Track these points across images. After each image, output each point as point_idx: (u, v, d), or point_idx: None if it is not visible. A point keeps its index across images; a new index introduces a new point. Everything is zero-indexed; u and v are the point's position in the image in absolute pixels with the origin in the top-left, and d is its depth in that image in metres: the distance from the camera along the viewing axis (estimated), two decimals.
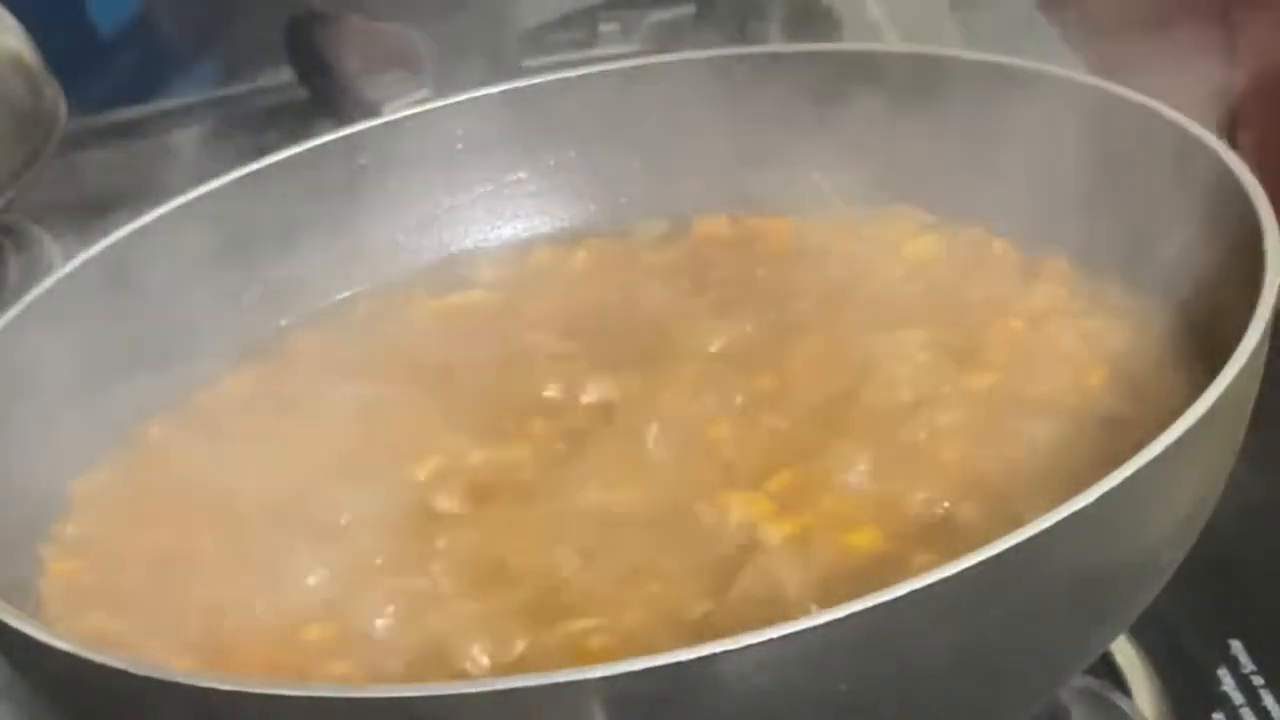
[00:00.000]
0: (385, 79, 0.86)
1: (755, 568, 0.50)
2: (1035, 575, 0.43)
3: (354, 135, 0.69)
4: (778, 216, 0.66)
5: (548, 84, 0.70)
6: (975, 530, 0.49)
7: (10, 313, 0.59)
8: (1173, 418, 0.45)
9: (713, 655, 0.41)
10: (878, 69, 0.65)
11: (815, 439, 0.55)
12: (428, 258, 0.69)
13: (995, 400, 0.55)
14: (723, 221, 0.67)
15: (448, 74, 0.85)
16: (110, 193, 0.89)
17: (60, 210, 0.89)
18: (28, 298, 0.60)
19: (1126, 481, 0.44)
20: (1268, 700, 0.58)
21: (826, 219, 0.65)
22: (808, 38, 0.68)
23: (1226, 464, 0.50)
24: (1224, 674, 0.59)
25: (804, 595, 0.48)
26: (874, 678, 0.43)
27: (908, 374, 0.57)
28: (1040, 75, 0.62)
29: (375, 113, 0.72)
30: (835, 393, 0.57)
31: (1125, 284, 0.59)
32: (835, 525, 0.51)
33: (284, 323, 0.67)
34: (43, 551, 0.56)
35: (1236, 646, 0.60)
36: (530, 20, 0.97)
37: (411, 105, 0.72)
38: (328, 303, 0.68)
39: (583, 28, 0.99)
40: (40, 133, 0.86)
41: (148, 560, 0.55)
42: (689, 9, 0.99)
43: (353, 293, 0.68)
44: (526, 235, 0.70)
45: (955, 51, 0.65)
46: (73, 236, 0.72)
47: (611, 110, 0.69)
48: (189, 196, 0.65)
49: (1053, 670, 0.49)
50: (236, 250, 0.65)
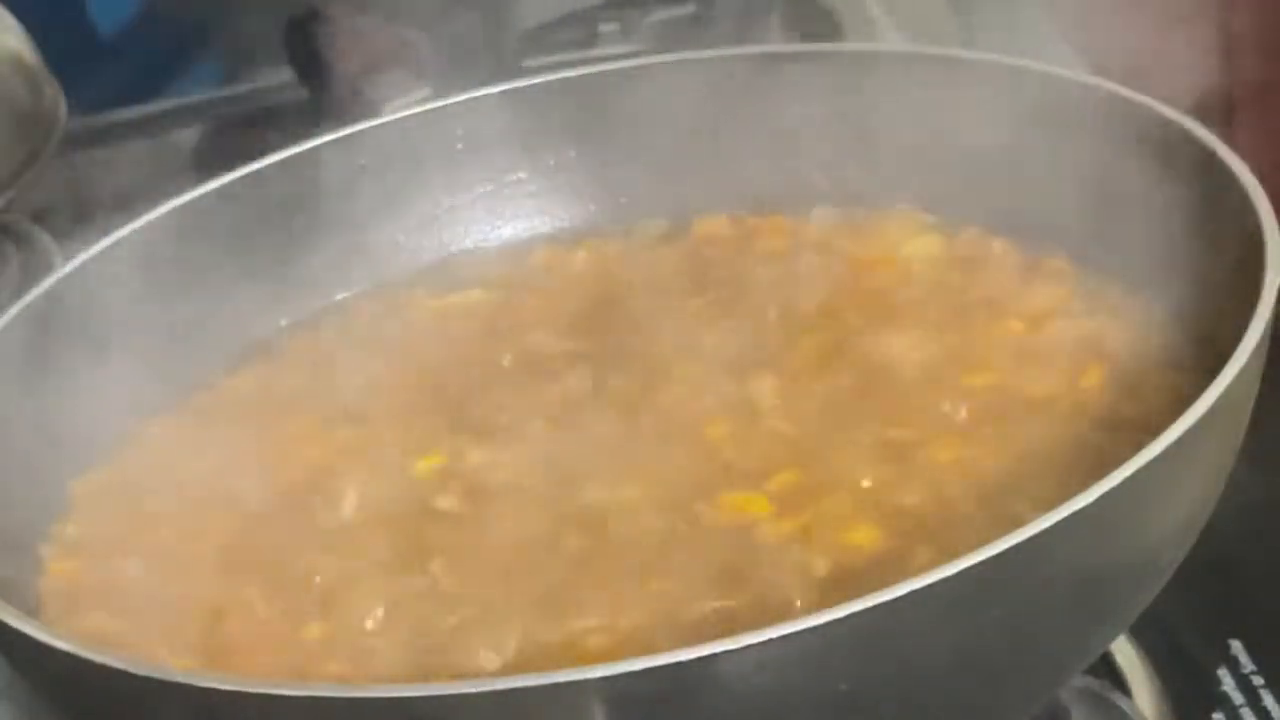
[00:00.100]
0: (385, 79, 0.86)
1: (755, 568, 0.50)
2: (1035, 575, 0.43)
3: (354, 135, 0.69)
4: (778, 216, 0.66)
5: (548, 84, 0.70)
6: (975, 530, 0.49)
7: (10, 313, 0.59)
8: (1173, 418, 0.45)
9: (713, 655, 0.41)
10: (878, 69, 0.65)
11: (815, 439, 0.55)
12: (428, 258, 0.69)
13: (995, 400, 0.55)
14: (723, 221, 0.67)
15: (448, 74, 0.85)
16: (110, 193, 0.89)
17: (60, 210, 0.89)
18: (28, 298, 0.60)
19: (1126, 481, 0.44)
20: (1268, 700, 0.58)
21: (826, 219, 0.65)
22: (808, 38, 0.68)
23: (1226, 464, 0.50)
24: (1224, 674, 0.59)
25: (804, 595, 0.48)
26: (874, 678, 0.43)
27: (907, 374, 0.57)
28: (1040, 75, 0.62)
29: (375, 113, 0.72)
30: (835, 393, 0.57)
31: (1125, 284, 0.59)
32: (835, 525, 0.51)
33: (284, 323, 0.67)
34: (43, 551, 0.56)
35: (1236, 646, 0.60)
36: (530, 20, 0.97)
37: (411, 105, 0.71)
38: (328, 303, 0.68)
39: (583, 28, 0.99)
40: (40, 133, 0.86)
41: (148, 560, 0.55)
42: (689, 9, 0.99)
43: (353, 293, 0.68)
44: (526, 235, 0.70)
45: (955, 51, 0.65)
46: (73, 236, 0.72)
47: (611, 110, 0.69)
48: (189, 196, 0.65)
49: (1053, 670, 0.49)
50: (236, 250, 0.65)
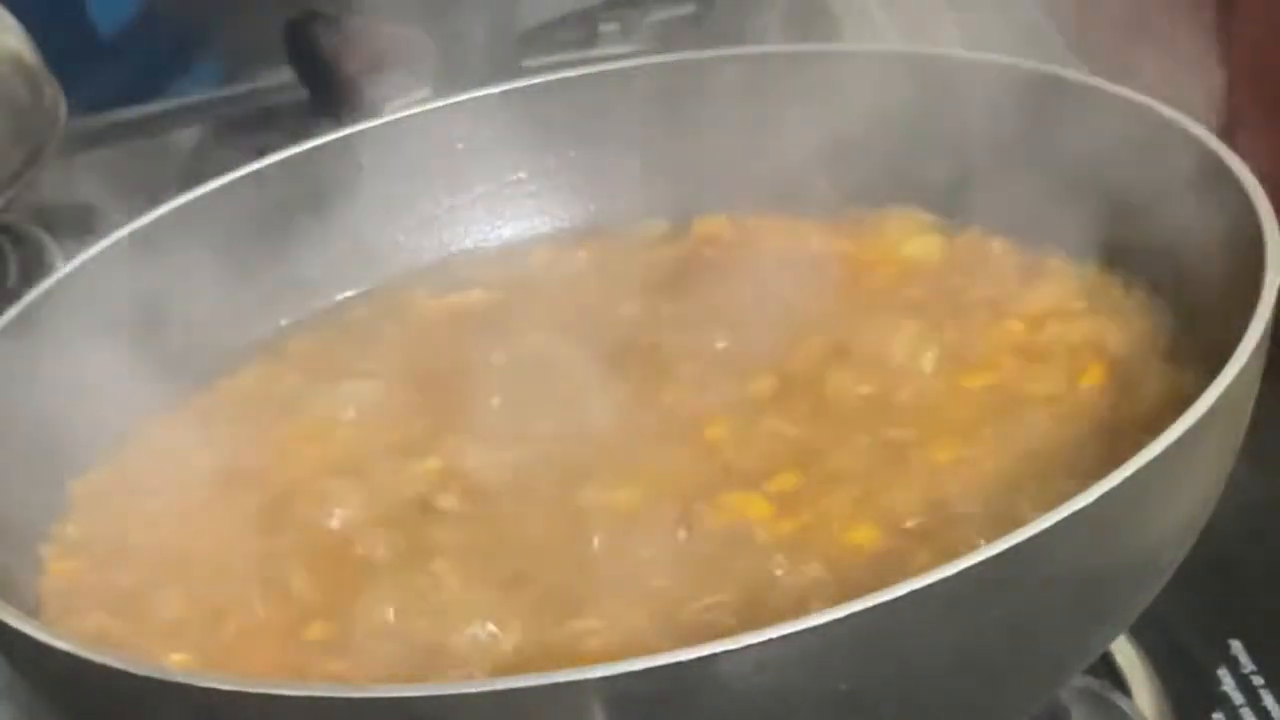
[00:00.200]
0: (385, 79, 0.86)
1: (755, 568, 0.50)
2: (1035, 575, 0.43)
3: (354, 135, 0.69)
4: (777, 216, 0.66)
5: (548, 84, 0.70)
6: (975, 530, 0.49)
7: (10, 312, 0.59)
8: (1173, 418, 0.45)
9: (713, 655, 0.41)
10: (877, 69, 0.65)
11: (815, 439, 0.55)
12: (428, 258, 0.69)
13: (995, 400, 0.55)
14: (723, 221, 0.67)
15: (448, 74, 0.85)
16: (110, 193, 0.89)
17: (60, 210, 0.89)
18: (28, 297, 0.60)
19: (1126, 481, 0.44)
20: (1268, 700, 0.58)
21: (826, 219, 0.65)
22: (808, 38, 0.67)
23: (1226, 464, 0.50)
24: (1224, 674, 0.59)
25: (803, 595, 0.48)
26: (874, 678, 0.43)
27: (907, 374, 0.57)
28: (1040, 75, 0.62)
29: (375, 113, 0.72)
30: (835, 393, 0.57)
31: (1125, 284, 0.59)
32: (835, 525, 0.51)
33: (284, 323, 0.67)
34: (43, 551, 0.56)
35: (1236, 646, 0.60)
36: (530, 20, 0.97)
37: (411, 105, 0.71)
38: (328, 303, 0.68)
39: (583, 28, 0.99)
40: (40, 133, 0.86)
41: (148, 560, 0.55)
42: (689, 9, 0.99)
43: (353, 293, 0.68)
44: (526, 235, 0.70)
45: (955, 51, 0.65)
46: (73, 236, 0.72)
47: (611, 110, 0.69)
48: (189, 196, 0.65)
49: (1053, 670, 0.49)
50: (236, 250, 0.65)
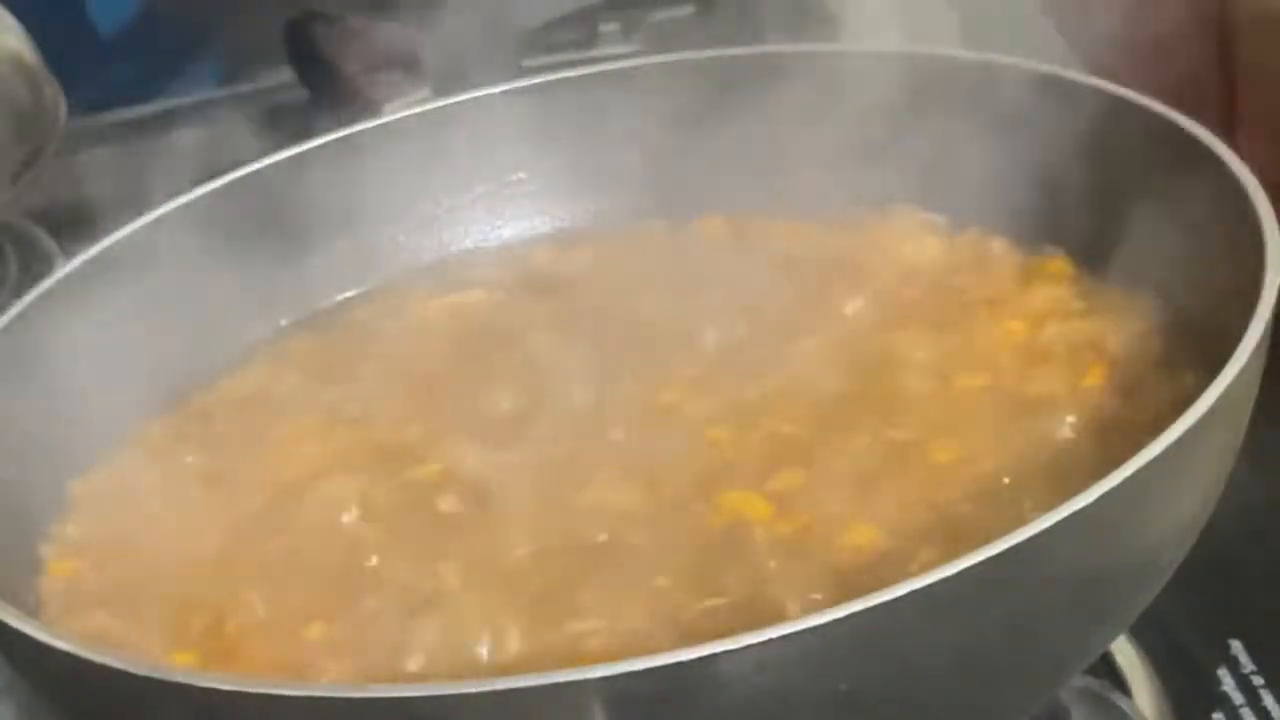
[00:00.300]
0: (385, 79, 0.86)
1: (755, 568, 0.50)
2: (1035, 575, 0.43)
3: (354, 135, 0.69)
4: (778, 216, 0.66)
5: (548, 84, 0.70)
6: (975, 530, 0.49)
7: (10, 313, 0.59)
8: (1173, 418, 0.45)
9: (713, 655, 0.41)
10: (878, 69, 0.65)
11: (815, 439, 0.55)
12: (428, 258, 0.69)
13: (995, 400, 0.55)
14: (722, 221, 0.67)
15: (448, 74, 0.85)
16: (110, 193, 0.88)
17: (60, 210, 0.89)
18: (28, 298, 0.60)
19: (1126, 481, 0.44)
20: (1268, 700, 0.58)
21: (826, 219, 0.65)
22: (807, 38, 0.67)
23: (1226, 464, 0.50)
24: (1224, 674, 0.59)
25: (804, 595, 0.48)
26: (874, 678, 0.43)
27: (907, 374, 0.57)
28: (1040, 75, 0.62)
29: (375, 113, 0.72)
30: (835, 393, 0.57)
31: (1125, 284, 0.59)
32: (835, 525, 0.51)
33: (284, 323, 0.67)
34: (43, 551, 0.56)
35: (1236, 646, 0.60)
36: (530, 20, 0.97)
37: (411, 105, 0.71)
38: (328, 303, 0.68)
39: (583, 28, 0.99)
40: (40, 133, 0.86)
41: (148, 560, 0.55)
42: (689, 9, 0.99)
43: (353, 293, 0.68)
44: (526, 235, 0.70)
45: (955, 51, 0.65)
46: (73, 236, 0.72)
47: (611, 110, 0.69)
48: (189, 196, 0.65)
49: (1053, 670, 0.49)
50: (236, 250, 0.65)
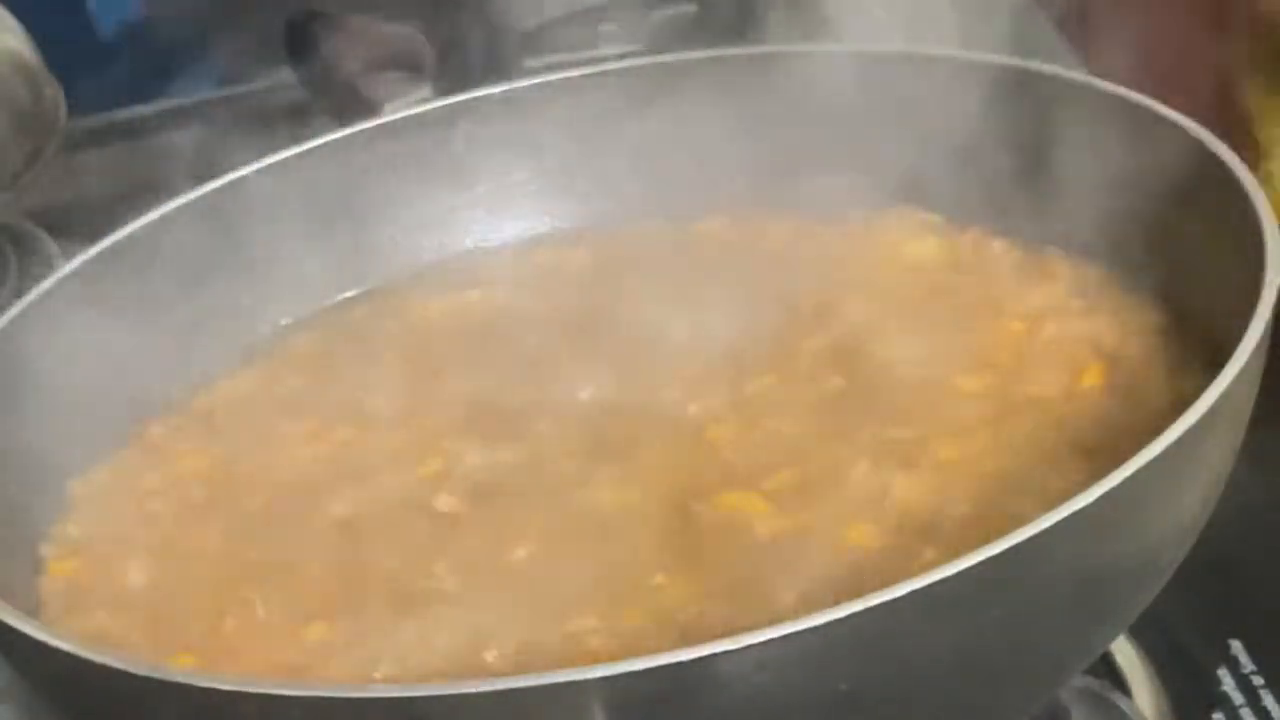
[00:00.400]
0: (385, 79, 0.86)
1: (755, 568, 0.50)
2: (1035, 575, 0.43)
3: (354, 135, 0.69)
4: (778, 216, 0.66)
5: (548, 84, 0.70)
6: (975, 530, 0.49)
7: (10, 313, 0.59)
8: (1173, 418, 0.45)
9: (713, 655, 0.41)
10: (878, 69, 0.65)
11: (814, 439, 0.55)
12: (428, 258, 0.69)
13: (995, 400, 0.55)
14: (723, 221, 0.67)
15: (448, 74, 0.85)
16: (110, 193, 0.89)
17: (60, 210, 0.89)
18: (28, 298, 0.60)
19: (1126, 481, 0.44)
20: (1268, 700, 0.58)
21: (826, 219, 0.65)
22: (807, 38, 0.67)
23: (1226, 464, 0.50)
24: (1224, 674, 0.59)
25: (803, 595, 0.48)
26: (874, 678, 0.43)
27: (908, 374, 0.57)
28: (1040, 75, 0.62)
29: (375, 113, 0.72)
30: (834, 392, 0.57)
31: (1125, 284, 0.59)
32: (834, 525, 0.51)
33: (284, 323, 0.67)
34: (43, 551, 0.56)
35: (1236, 646, 0.60)
36: (530, 20, 0.97)
37: (411, 105, 0.72)
38: (328, 303, 0.68)
39: (583, 28, 0.99)
40: (40, 133, 0.86)
41: (148, 560, 0.55)
42: (689, 9, 0.99)
43: (353, 293, 0.68)
44: (527, 235, 0.70)
45: (955, 51, 0.65)
46: (73, 236, 0.72)
47: (611, 110, 0.69)
48: (189, 196, 0.65)
49: (1053, 670, 0.49)
50: (236, 250, 0.65)
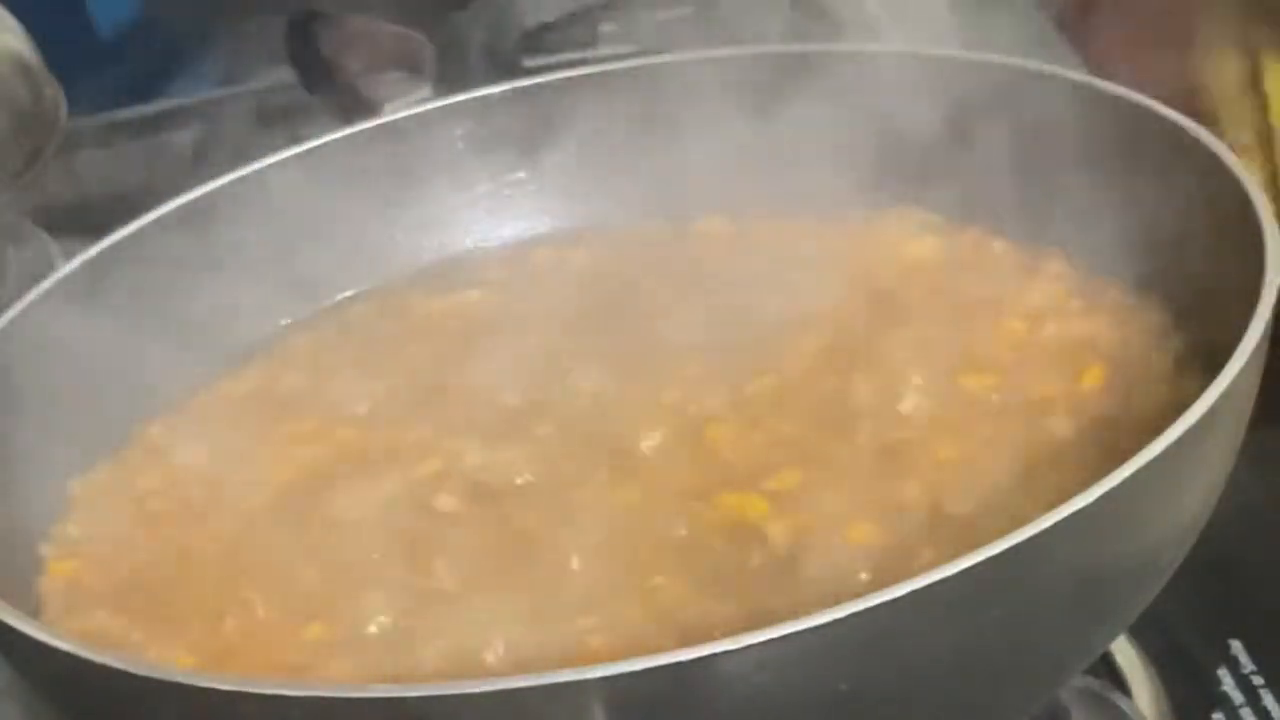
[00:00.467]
0: (385, 79, 0.86)
1: (754, 567, 0.50)
2: (1035, 575, 0.43)
3: (354, 135, 0.69)
4: (778, 216, 0.66)
5: (548, 84, 0.70)
6: (975, 530, 0.49)
7: (10, 313, 0.59)
8: (1173, 418, 0.45)
9: (713, 655, 0.41)
10: (878, 69, 0.65)
11: (814, 439, 0.55)
12: (428, 258, 0.69)
13: (995, 400, 0.55)
14: (723, 221, 0.67)
15: (448, 74, 0.85)
16: (110, 193, 0.89)
17: (60, 210, 0.89)
18: (28, 298, 0.60)
19: (1126, 481, 0.44)
20: (1268, 700, 0.58)
21: (826, 219, 0.65)
22: (808, 38, 0.67)
23: (1226, 464, 0.50)
24: (1224, 674, 0.59)
25: (803, 595, 0.48)
26: (874, 678, 0.43)
27: (908, 374, 0.57)
28: (1040, 75, 0.62)
29: (375, 113, 0.72)
30: (835, 392, 0.57)
31: (1125, 284, 0.59)
32: (834, 525, 0.51)
33: (284, 323, 0.67)
34: (43, 551, 0.56)
35: (1236, 646, 0.60)
36: (530, 20, 0.97)
37: (411, 105, 0.72)
38: (328, 303, 0.68)
39: (583, 28, 0.99)
40: (40, 133, 0.86)
41: (147, 560, 0.55)
42: (689, 9, 0.99)
43: (353, 293, 0.68)
44: (527, 235, 0.70)
45: (955, 51, 0.65)
46: (73, 236, 0.72)
47: (611, 110, 0.69)
48: (189, 197, 0.65)
49: (1053, 670, 0.49)
50: (236, 250, 0.65)
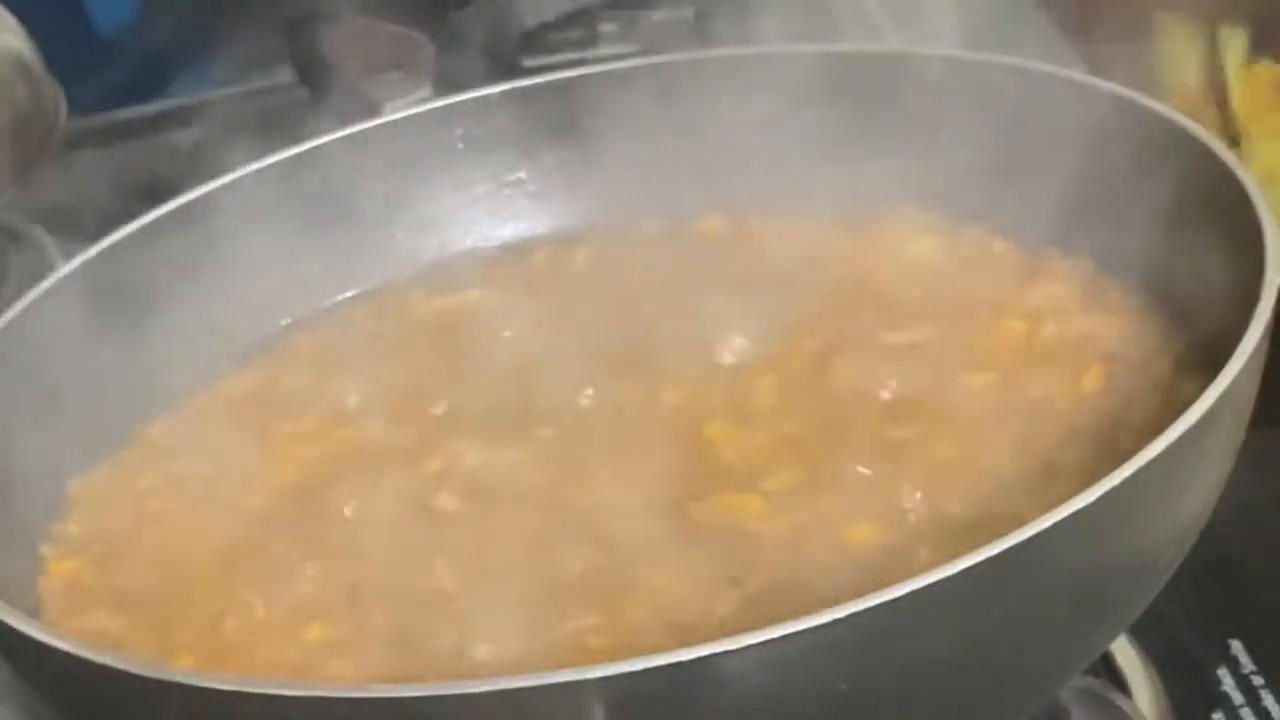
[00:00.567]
0: (385, 79, 0.86)
1: (754, 567, 0.50)
2: (1035, 575, 0.43)
3: (354, 135, 0.69)
4: (778, 216, 0.66)
5: (548, 84, 0.70)
6: (974, 530, 0.49)
7: (10, 313, 0.59)
8: (1173, 418, 0.45)
9: (713, 655, 0.41)
10: (878, 69, 0.65)
11: (814, 439, 0.55)
12: (428, 258, 0.69)
13: (995, 400, 0.55)
14: (723, 221, 0.67)
15: (448, 74, 0.85)
16: (110, 193, 0.89)
17: (60, 210, 0.89)
18: (28, 298, 0.60)
19: (1126, 481, 0.44)
20: (1268, 700, 0.58)
21: (826, 219, 0.65)
22: (808, 38, 0.67)
23: (1226, 464, 0.50)
24: (1224, 674, 0.59)
25: (803, 595, 0.48)
26: (874, 678, 0.43)
27: (907, 374, 0.57)
28: (1040, 75, 0.62)
29: (375, 113, 0.72)
30: (834, 392, 0.57)
31: (1125, 284, 0.59)
32: (834, 525, 0.51)
33: (284, 323, 0.67)
34: (43, 551, 0.56)
35: (1236, 646, 0.60)
36: (530, 20, 0.97)
37: (411, 105, 0.72)
38: (328, 303, 0.68)
39: (583, 28, 0.99)
40: (40, 133, 0.86)
41: (147, 560, 0.55)
42: (689, 9, 0.99)
43: (353, 293, 0.68)
44: (526, 235, 0.70)
45: (955, 51, 0.65)
46: (73, 236, 0.72)
47: (611, 110, 0.69)
48: (189, 197, 0.65)
49: (1053, 670, 0.49)
50: (236, 250, 0.65)
